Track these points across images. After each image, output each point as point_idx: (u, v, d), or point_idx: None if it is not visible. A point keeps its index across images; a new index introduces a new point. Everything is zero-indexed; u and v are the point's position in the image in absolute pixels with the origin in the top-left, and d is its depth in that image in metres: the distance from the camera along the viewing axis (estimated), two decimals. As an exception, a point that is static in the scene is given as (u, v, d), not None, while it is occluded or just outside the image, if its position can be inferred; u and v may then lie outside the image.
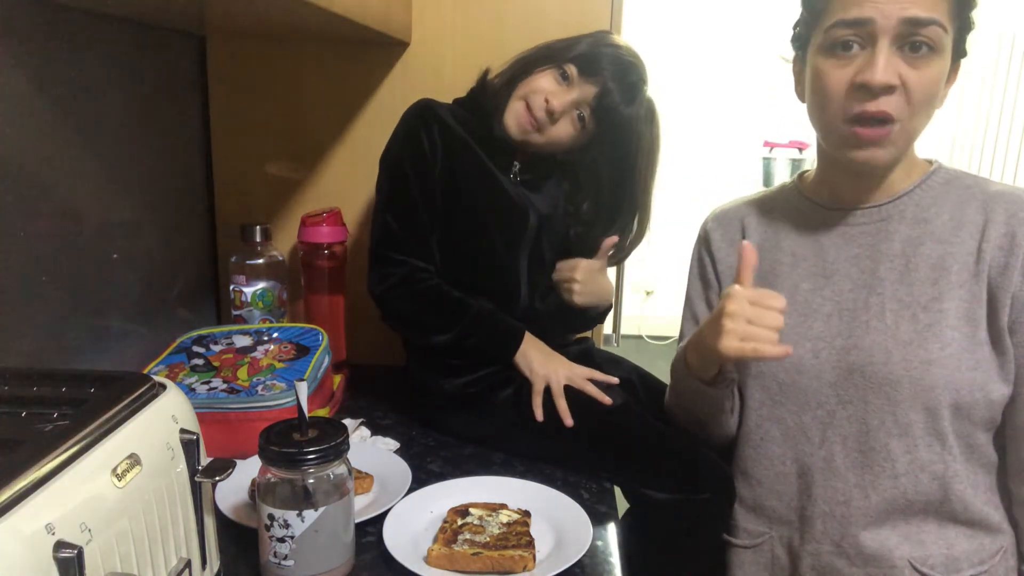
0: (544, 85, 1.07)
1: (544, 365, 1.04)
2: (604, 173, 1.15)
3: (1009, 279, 0.84)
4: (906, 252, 0.90)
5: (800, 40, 0.92)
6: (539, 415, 1.01)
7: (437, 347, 1.07)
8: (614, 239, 1.16)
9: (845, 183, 0.94)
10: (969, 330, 0.85)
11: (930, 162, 0.94)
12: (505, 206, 1.11)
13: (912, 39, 0.80)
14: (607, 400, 1.02)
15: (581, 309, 1.16)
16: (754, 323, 0.82)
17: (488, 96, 1.12)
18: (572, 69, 1.06)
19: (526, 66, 1.10)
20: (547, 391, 1.03)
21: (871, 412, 0.88)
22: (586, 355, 1.19)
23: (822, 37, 0.85)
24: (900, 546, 0.88)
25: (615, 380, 1.05)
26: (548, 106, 1.06)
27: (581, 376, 1.04)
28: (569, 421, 1.00)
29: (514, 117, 1.08)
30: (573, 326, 1.22)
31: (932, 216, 0.90)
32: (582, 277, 1.14)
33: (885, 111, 0.81)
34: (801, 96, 0.94)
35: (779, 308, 0.83)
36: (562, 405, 1.01)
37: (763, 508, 0.97)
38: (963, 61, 0.88)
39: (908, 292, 0.88)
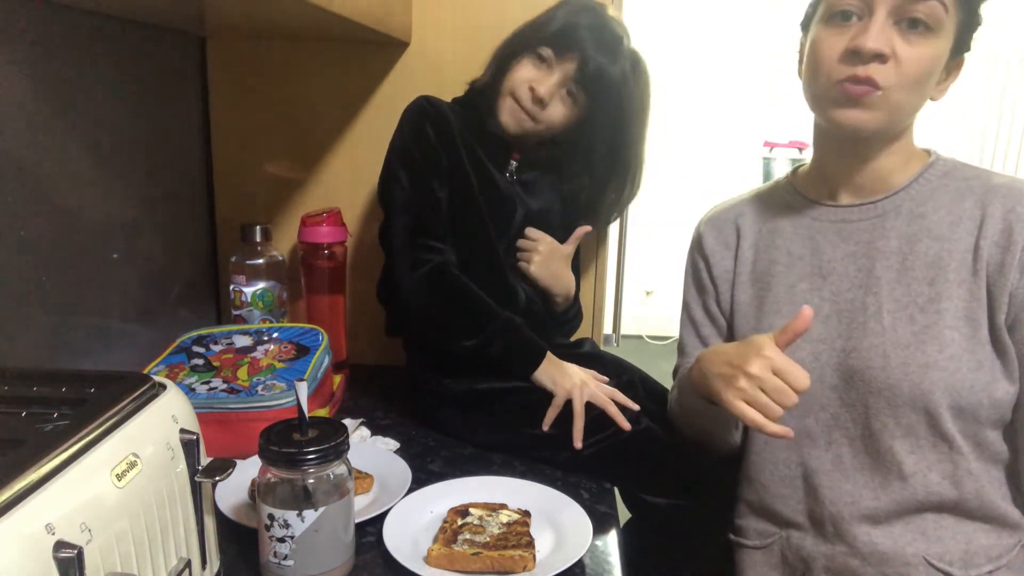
0: (525, 75, 1.06)
1: (570, 379, 1.02)
2: (599, 139, 1.13)
3: (1006, 277, 0.83)
4: (902, 250, 0.88)
5: (807, 19, 0.92)
6: (546, 427, 1.00)
7: (457, 354, 1.04)
8: (587, 228, 1.18)
9: (838, 167, 0.93)
10: (969, 330, 0.84)
11: (928, 152, 0.93)
12: (497, 200, 1.11)
13: (910, 14, 0.80)
14: (627, 425, 0.98)
15: (554, 307, 1.18)
16: (768, 394, 0.80)
17: (481, 96, 1.12)
18: (547, 51, 1.05)
19: (504, 61, 1.09)
20: (536, 391, 1.02)
21: (872, 415, 0.87)
22: (594, 358, 1.19)
23: (823, 7, 0.86)
24: (914, 543, 0.87)
25: (636, 407, 1.02)
26: (535, 94, 1.05)
27: (605, 396, 1.01)
28: (579, 444, 0.98)
29: (508, 114, 1.08)
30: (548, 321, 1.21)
31: (929, 211, 0.88)
32: (544, 250, 1.15)
33: (872, 77, 0.81)
34: (801, 74, 0.93)
35: (800, 388, 0.79)
36: (579, 426, 0.98)
37: (770, 511, 0.97)
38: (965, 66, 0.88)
39: (905, 292, 0.87)
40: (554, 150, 1.17)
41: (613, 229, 1.38)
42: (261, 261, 1.23)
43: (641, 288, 4.21)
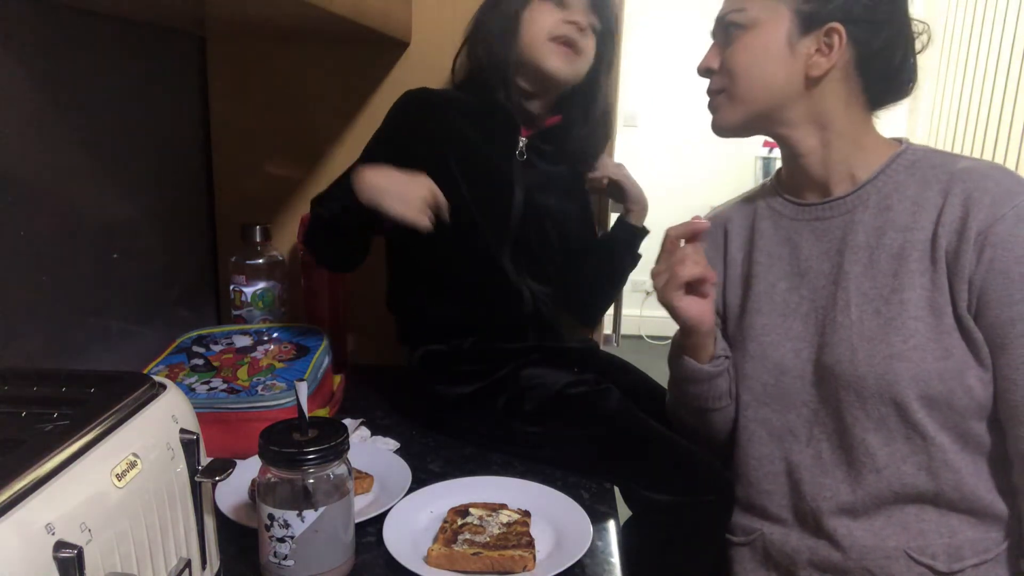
0: (554, 16, 1.04)
1: (409, 188, 0.96)
2: (602, 65, 1.13)
3: (962, 263, 0.82)
4: (870, 243, 0.89)
5: None
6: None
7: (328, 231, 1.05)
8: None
9: (786, 167, 0.98)
10: (933, 320, 0.84)
11: (899, 141, 0.93)
12: (491, 190, 1.08)
13: (724, 28, 0.93)
14: (425, 224, 0.94)
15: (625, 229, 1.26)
16: (670, 260, 0.91)
17: (495, 69, 1.07)
18: None
19: (505, 20, 1.06)
20: (536, 390, 1.03)
21: (844, 408, 0.88)
22: (594, 358, 1.19)
23: None
24: (895, 536, 0.87)
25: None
26: (578, 25, 1.05)
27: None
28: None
29: (559, 57, 1.05)
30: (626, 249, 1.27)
31: (895, 202, 0.89)
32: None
33: (711, 88, 0.96)
34: None
35: (674, 235, 0.91)
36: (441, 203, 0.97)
37: (755, 507, 0.98)
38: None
39: (872, 285, 0.88)
40: (567, 105, 1.14)
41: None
42: (261, 261, 1.23)
43: (641, 288, 4.21)
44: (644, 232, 1.28)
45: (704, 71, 0.96)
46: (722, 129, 0.96)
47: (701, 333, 0.94)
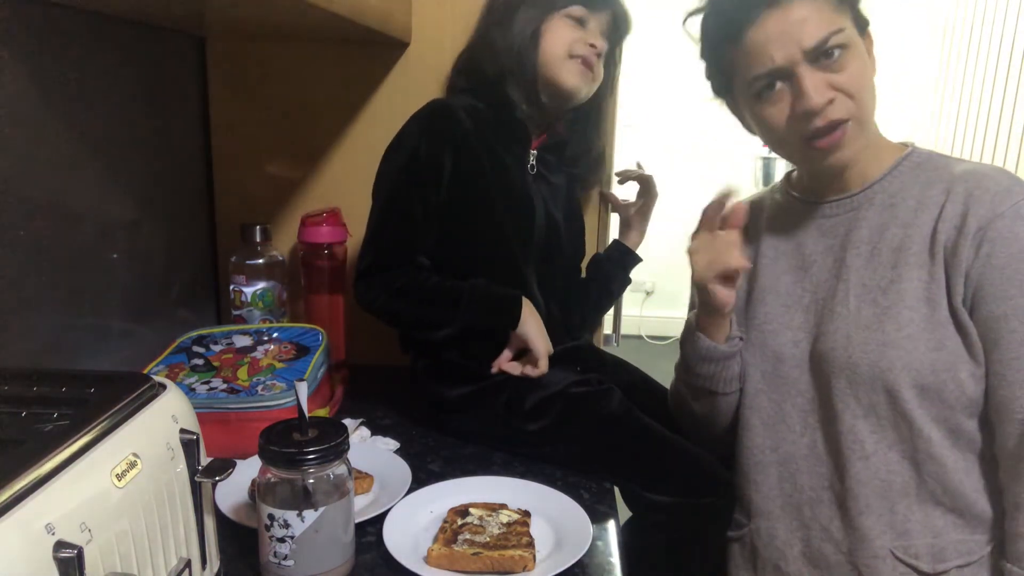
0: (574, 35, 1.06)
1: (545, 342, 1.05)
2: (605, 88, 1.16)
3: (959, 257, 0.83)
4: (872, 238, 0.91)
5: (720, 92, 0.97)
6: (513, 370, 1.05)
7: (442, 340, 1.05)
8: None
9: (816, 179, 0.97)
10: (928, 311, 0.85)
11: (906, 145, 0.95)
12: (517, 204, 1.10)
13: (824, 51, 0.83)
14: (532, 372, 1.04)
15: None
16: (714, 244, 0.90)
17: (514, 83, 1.07)
18: (579, 10, 1.06)
19: (526, 33, 1.06)
20: (538, 390, 1.03)
21: (836, 396, 0.89)
22: (594, 358, 1.19)
23: (746, 89, 0.89)
24: (883, 535, 0.88)
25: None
26: (596, 49, 1.07)
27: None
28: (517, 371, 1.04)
29: (577, 75, 1.07)
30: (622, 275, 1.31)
31: (899, 201, 0.91)
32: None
33: (833, 119, 0.85)
34: (750, 130, 0.98)
35: (707, 219, 0.91)
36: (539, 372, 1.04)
37: (742, 499, 0.99)
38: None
39: (871, 277, 0.89)
40: (571, 118, 1.17)
41: (613, 229, 1.38)
42: (261, 261, 1.23)
43: (641, 288, 4.20)
44: (638, 259, 1.32)
45: (823, 105, 0.84)
46: (851, 160, 0.89)
47: (723, 314, 0.95)
